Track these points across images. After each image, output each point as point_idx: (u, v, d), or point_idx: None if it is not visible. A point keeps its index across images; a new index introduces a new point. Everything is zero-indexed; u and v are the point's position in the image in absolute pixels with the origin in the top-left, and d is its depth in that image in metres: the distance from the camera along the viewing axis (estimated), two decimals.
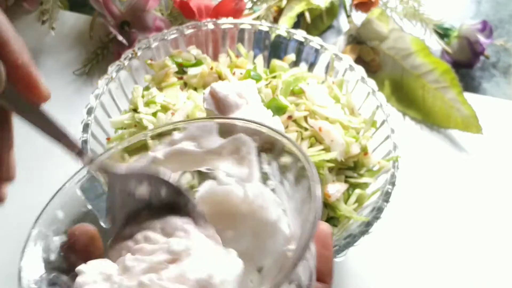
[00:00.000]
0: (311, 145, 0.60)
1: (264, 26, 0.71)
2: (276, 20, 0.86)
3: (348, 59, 0.69)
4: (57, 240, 0.40)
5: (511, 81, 0.89)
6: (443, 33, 0.87)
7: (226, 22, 0.71)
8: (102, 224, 0.42)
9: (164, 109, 0.61)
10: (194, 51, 0.69)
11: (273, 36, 0.71)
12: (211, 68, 0.66)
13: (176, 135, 0.43)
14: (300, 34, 0.71)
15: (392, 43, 0.84)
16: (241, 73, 0.65)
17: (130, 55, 0.66)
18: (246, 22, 0.72)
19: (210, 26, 0.70)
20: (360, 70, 0.67)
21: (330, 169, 0.60)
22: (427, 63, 0.81)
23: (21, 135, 0.73)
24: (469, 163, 0.76)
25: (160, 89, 0.65)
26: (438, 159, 0.77)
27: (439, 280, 0.64)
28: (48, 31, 0.83)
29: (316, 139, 0.61)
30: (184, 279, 0.33)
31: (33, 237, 0.40)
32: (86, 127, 0.59)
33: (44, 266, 0.38)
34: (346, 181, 0.60)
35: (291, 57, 0.71)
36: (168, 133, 0.43)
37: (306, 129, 0.61)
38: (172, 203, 0.40)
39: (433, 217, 0.70)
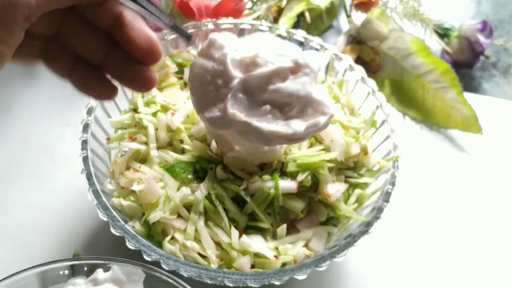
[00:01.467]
0: (310, 145, 0.60)
1: (264, 26, 0.71)
2: (276, 20, 0.86)
3: (348, 59, 0.69)
4: None
5: (511, 81, 0.89)
6: (443, 33, 0.87)
7: (226, 22, 0.71)
8: None
9: (164, 109, 0.61)
10: (194, 51, 0.69)
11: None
12: None
13: (101, 274, 0.44)
14: (300, 34, 0.71)
15: (392, 43, 0.84)
16: None
17: None
18: (246, 22, 0.72)
19: (210, 26, 0.70)
20: (360, 70, 0.67)
21: (330, 169, 0.60)
22: (427, 63, 0.81)
23: (22, 135, 0.74)
24: (469, 163, 0.76)
25: (160, 89, 0.65)
26: (438, 159, 0.77)
27: (439, 280, 0.65)
28: None
29: (316, 139, 0.61)
30: None
31: None
32: (86, 127, 0.59)
33: None
34: (346, 181, 0.60)
35: None
36: (93, 268, 0.45)
37: None
38: None
39: (433, 217, 0.70)
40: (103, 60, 0.45)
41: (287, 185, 0.56)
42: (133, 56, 0.44)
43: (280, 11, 0.86)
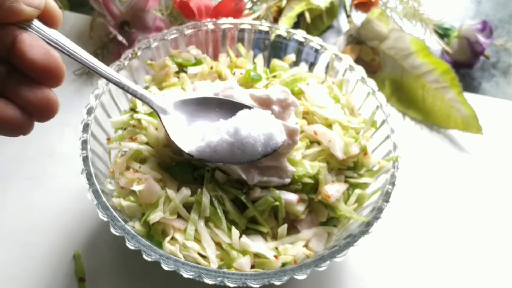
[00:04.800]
0: (308, 146, 0.61)
1: (264, 26, 0.71)
2: (276, 20, 0.86)
3: (348, 59, 0.69)
4: None
5: (511, 81, 0.89)
6: (443, 33, 0.87)
7: (226, 22, 0.71)
8: None
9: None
10: (194, 51, 0.69)
11: (273, 36, 0.71)
12: (211, 68, 0.66)
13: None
14: (300, 34, 0.71)
15: (392, 43, 0.84)
16: (241, 73, 0.65)
17: (130, 55, 0.66)
18: (246, 22, 0.72)
19: (210, 26, 0.70)
20: (360, 70, 0.67)
21: (330, 169, 0.60)
22: (427, 63, 0.81)
23: (21, 136, 0.73)
24: (469, 163, 0.76)
25: (161, 89, 0.65)
26: (438, 159, 0.77)
27: (439, 280, 0.65)
28: None
29: (314, 140, 0.61)
30: None
31: None
32: (86, 127, 0.59)
33: None
34: (346, 181, 0.60)
35: (291, 57, 0.71)
36: None
37: (302, 131, 0.61)
38: None
39: (433, 217, 0.70)
40: (2, 87, 0.41)
41: (289, 197, 0.57)
42: (33, 77, 0.41)
43: (280, 11, 0.86)
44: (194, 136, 0.55)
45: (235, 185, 0.57)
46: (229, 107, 0.56)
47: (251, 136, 0.52)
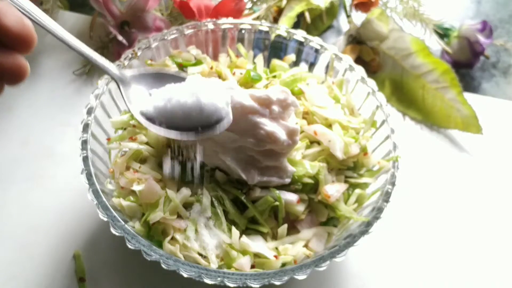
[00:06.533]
0: (308, 146, 0.61)
1: (264, 26, 0.71)
2: (276, 20, 0.86)
3: (348, 59, 0.69)
4: None
5: (511, 81, 0.89)
6: (443, 33, 0.87)
7: (226, 22, 0.71)
8: None
9: None
10: (194, 51, 0.69)
11: (273, 36, 0.71)
12: (211, 68, 0.66)
13: None
14: (300, 34, 0.71)
15: (392, 43, 0.84)
16: (241, 73, 0.65)
17: (130, 55, 0.66)
18: (246, 22, 0.72)
19: (210, 26, 0.70)
20: (360, 70, 0.67)
21: (330, 169, 0.60)
22: (427, 63, 0.81)
23: (21, 136, 0.74)
24: (469, 163, 0.76)
25: None
26: (438, 159, 0.77)
27: (438, 280, 0.65)
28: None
29: (314, 140, 0.61)
30: None
31: None
32: (86, 127, 0.59)
33: None
34: (346, 181, 0.60)
35: (291, 57, 0.71)
36: None
37: (302, 131, 0.61)
38: None
39: (433, 217, 0.70)
40: None
41: (289, 197, 0.57)
42: (5, 43, 0.43)
43: (280, 11, 0.86)
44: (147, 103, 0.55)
45: (235, 185, 0.57)
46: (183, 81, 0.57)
47: (200, 102, 0.52)
